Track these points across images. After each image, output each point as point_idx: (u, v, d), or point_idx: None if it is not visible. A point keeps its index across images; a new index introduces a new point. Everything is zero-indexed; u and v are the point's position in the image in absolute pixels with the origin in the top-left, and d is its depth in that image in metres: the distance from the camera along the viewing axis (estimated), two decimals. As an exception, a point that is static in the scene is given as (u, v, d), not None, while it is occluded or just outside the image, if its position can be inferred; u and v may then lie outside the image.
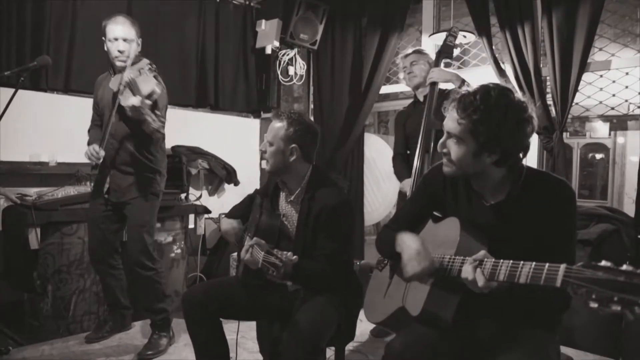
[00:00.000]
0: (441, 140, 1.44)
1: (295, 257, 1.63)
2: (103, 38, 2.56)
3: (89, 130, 2.81)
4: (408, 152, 3.07)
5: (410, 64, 2.98)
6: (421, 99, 2.98)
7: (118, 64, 2.53)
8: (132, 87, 2.39)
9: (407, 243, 1.48)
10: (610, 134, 5.59)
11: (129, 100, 2.33)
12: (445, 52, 2.87)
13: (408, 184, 2.87)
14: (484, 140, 1.34)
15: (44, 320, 2.78)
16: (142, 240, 2.64)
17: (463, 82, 2.70)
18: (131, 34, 2.54)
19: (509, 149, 1.36)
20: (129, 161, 2.63)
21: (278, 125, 1.91)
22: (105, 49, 2.57)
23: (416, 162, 2.75)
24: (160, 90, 2.51)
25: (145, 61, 2.60)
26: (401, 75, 3.13)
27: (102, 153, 2.48)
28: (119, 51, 2.51)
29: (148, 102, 2.39)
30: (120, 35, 2.51)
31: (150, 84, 2.46)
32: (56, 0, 3.31)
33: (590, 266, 1.04)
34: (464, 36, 3.21)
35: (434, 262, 1.41)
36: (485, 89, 1.36)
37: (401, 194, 3.02)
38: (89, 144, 2.73)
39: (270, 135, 1.93)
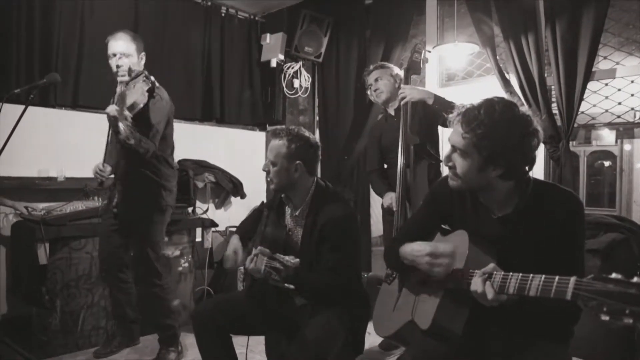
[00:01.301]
0: (446, 154, 1.45)
1: (297, 260, 1.64)
2: (108, 54, 2.59)
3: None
4: (385, 166, 3.06)
5: (375, 80, 2.94)
6: (392, 113, 2.97)
7: (118, 78, 2.56)
8: (121, 99, 2.37)
9: (418, 252, 1.46)
10: (616, 142, 5.56)
11: (107, 108, 2.31)
12: (412, 68, 2.85)
13: (391, 198, 2.84)
14: (488, 154, 1.34)
15: (52, 335, 2.78)
16: (146, 256, 2.63)
17: (436, 97, 2.68)
18: (129, 49, 2.56)
19: (514, 163, 1.36)
20: (133, 175, 2.62)
21: (279, 144, 1.90)
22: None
23: (399, 178, 2.73)
24: (145, 99, 2.43)
25: (143, 74, 2.56)
26: (368, 93, 3.06)
27: (108, 169, 2.51)
28: (117, 66, 2.54)
29: (127, 113, 2.31)
30: (118, 50, 2.54)
31: (134, 95, 2.42)
32: (64, 17, 3.38)
33: (600, 278, 1.04)
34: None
35: (452, 259, 1.39)
36: (489, 103, 1.36)
37: (385, 210, 2.95)
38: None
39: (272, 154, 1.91)
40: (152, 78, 2.54)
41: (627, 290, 0.99)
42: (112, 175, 2.69)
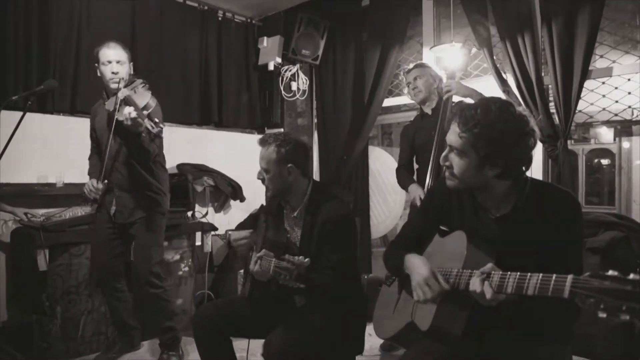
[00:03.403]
0: (444, 154, 1.45)
1: (307, 259, 1.65)
2: (96, 64, 2.59)
3: (89, 158, 2.83)
4: (417, 166, 3.05)
5: (414, 79, 2.97)
6: (429, 112, 2.98)
7: (112, 85, 2.53)
8: (129, 102, 2.38)
9: (417, 269, 1.45)
10: (615, 140, 5.56)
11: (125, 111, 2.30)
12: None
13: (417, 190, 2.82)
14: (485, 154, 1.35)
15: (53, 342, 2.78)
16: (149, 258, 2.64)
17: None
18: (123, 56, 2.58)
19: (510, 163, 1.37)
20: (133, 181, 2.64)
21: (269, 151, 1.94)
22: (99, 74, 2.59)
23: (429, 175, 2.73)
24: (155, 103, 2.51)
25: (138, 81, 2.62)
26: (405, 91, 3.11)
27: (101, 187, 2.51)
28: (113, 72, 2.53)
29: (145, 112, 2.38)
30: (114, 57, 2.54)
31: (145, 97, 2.47)
32: (61, 24, 3.39)
33: (597, 276, 1.05)
34: (477, 48, 3.20)
35: (442, 291, 1.38)
36: (486, 103, 1.37)
37: (412, 205, 2.93)
38: (89, 173, 2.75)
39: (264, 162, 1.95)
40: (147, 84, 2.61)
41: (623, 287, 0.99)
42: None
